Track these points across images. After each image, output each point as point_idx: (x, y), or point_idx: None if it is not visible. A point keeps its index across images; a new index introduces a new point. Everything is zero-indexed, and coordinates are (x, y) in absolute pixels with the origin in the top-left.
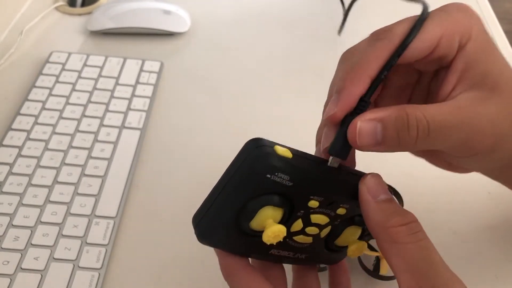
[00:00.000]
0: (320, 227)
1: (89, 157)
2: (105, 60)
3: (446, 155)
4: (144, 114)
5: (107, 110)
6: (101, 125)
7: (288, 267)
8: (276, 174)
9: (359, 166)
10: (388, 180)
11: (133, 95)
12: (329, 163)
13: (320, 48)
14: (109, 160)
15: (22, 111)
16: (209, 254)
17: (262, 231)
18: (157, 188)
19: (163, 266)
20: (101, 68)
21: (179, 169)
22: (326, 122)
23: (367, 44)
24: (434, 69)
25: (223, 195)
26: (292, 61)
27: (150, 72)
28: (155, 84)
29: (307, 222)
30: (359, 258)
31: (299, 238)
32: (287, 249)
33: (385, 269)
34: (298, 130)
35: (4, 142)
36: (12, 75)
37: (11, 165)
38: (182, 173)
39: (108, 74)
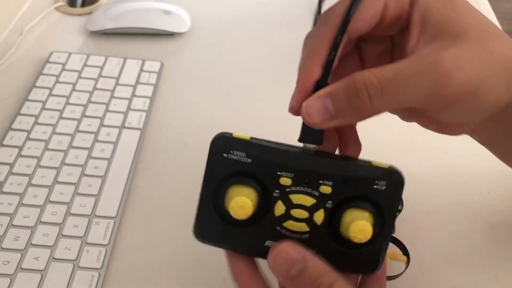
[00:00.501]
0: (308, 210)
1: (89, 157)
2: (105, 60)
3: (428, 112)
4: (144, 114)
5: (107, 110)
6: (101, 125)
7: None
8: (231, 152)
9: None
10: None
11: (133, 95)
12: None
13: None
14: (109, 160)
15: (22, 111)
16: (209, 254)
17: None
18: (157, 188)
19: (163, 266)
20: (101, 68)
21: (179, 169)
22: (292, 113)
23: (317, 28)
24: (398, 30)
25: (202, 191)
26: (292, 61)
27: (150, 72)
28: (155, 84)
29: (289, 204)
30: None
31: (290, 225)
32: (281, 239)
33: (385, 269)
34: (298, 130)
35: (4, 142)
36: (12, 75)
37: (11, 165)
38: (182, 173)
39: (108, 74)
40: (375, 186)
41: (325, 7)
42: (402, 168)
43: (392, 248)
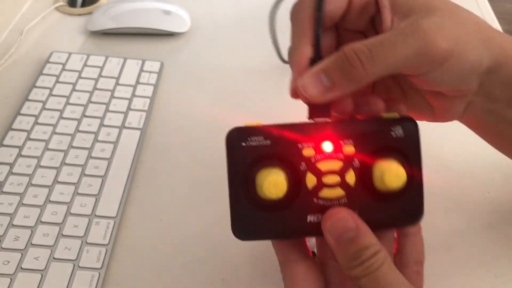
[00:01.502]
0: (339, 173)
1: (89, 157)
2: (105, 60)
3: (417, 78)
4: (144, 114)
5: (107, 110)
6: (101, 125)
7: None
8: (249, 138)
9: None
10: None
11: (133, 95)
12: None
13: None
14: (109, 160)
15: (22, 111)
16: (209, 254)
17: (275, 199)
18: (157, 188)
19: (163, 266)
20: (101, 68)
21: (179, 169)
22: (293, 97)
23: (296, 14)
24: (369, 20)
25: (229, 187)
26: None
27: (150, 72)
28: (155, 84)
29: (318, 173)
30: None
31: (326, 193)
32: (322, 211)
33: None
34: None
35: (5, 142)
36: (12, 75)
37: (12, 165)
38: (182, 173)
39: (108, 74)
40: (392, 134)
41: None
42: None
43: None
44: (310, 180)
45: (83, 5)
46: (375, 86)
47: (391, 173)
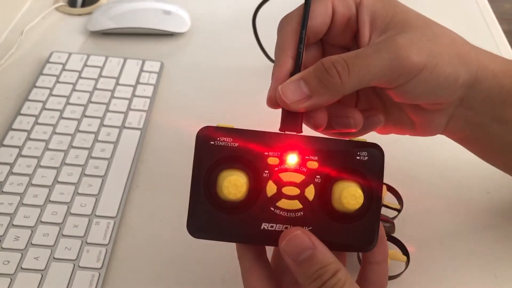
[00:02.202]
0: (299, 186)
1: (90, 157)
2: (106, 60)
3: (393, 91)
4: (144, 114)
5: (107, 110)
6: (101, 125)
7: None
8: (218, 138)
9: None
10: (388, 180)
11: (133, 95)
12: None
13: None
14: (109, 160)
15: (22, 111)
16: (209, 254)
17: (233, 200)
18: (157, 188)
19: (163, 265)
20: (102, 68)
21: (179, 169)
22: (269, 106)
23: (283, 26)
24: (351, 37)
25: (191, 183)
26: None
27: (150, 72)
28: (155, 84)
29: (279, 182)
30: (358, 258)
31: (284, 204)
32: (280, 221)
33: None
34: None
35: (5, 142)
36: (12, 75)
37: (12, 165)
38: (182, 173)
39: (108, 74)
40: (357, 157)
41: None
42: (403, 168)
43: (392, 248)
44: (271, 189)
45: (83, 5)
46: (358, 100)
47: (349, 194)
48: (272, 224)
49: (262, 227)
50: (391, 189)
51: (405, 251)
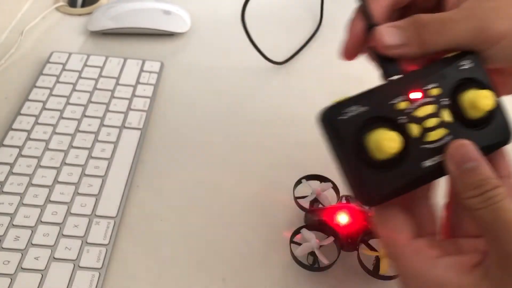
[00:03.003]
0: (435, 115)
1: (90, 157)
2: (106, 60)
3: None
4: (144, 114)
5: (107, 110)
6: (102, 125)
7: None
8: (345, 111)
9: None
10: None
11: (133, 95)
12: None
13: (320, 47)
14: (110, 160)
15: (22, 111)
16: (209, 254)
17: (390, 156)
18: (157, 188)
19: (163, 266)
20: (102, 68)
21: (179, 169)
22: (345, 57)
23: None
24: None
25: (342, 163)
26: (292, 60)
27: (151, 72)
28: (155, 84)
29: (418, 120)
30: (358, 258)
31: (432, 136)
32: (436, 153)
33: (384, 269)
34: (299, 130)
35: (5, 142)
36: (12, 75)
37: (12, 165)
38: (182, 173)
39: (108, 74)
40: (464, 67)
41: (325, 7)
42: None
43: None
44: (414, 130)
45: (83, 5)
46: None
47: (480, 98)
48: (431, 159)
49: (424, 166)
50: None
51: None
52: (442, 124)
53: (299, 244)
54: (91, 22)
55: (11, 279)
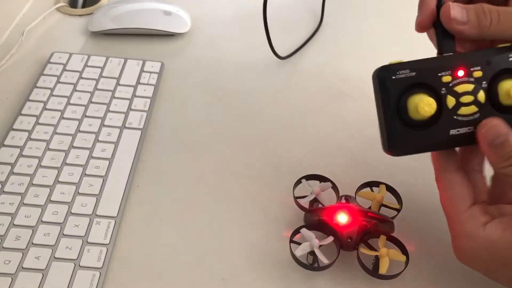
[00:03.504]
0: (472, 93)
1: (90, 157)
2: (106, 61)
3: None
4: (144, 114)
5: (108, 110)
6: (102, 125)
7: None
8: (398, 72)
9: (362, 168)
10: (389, 180)
11: (133, 95)
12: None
13: (320, 48)
14: (110, 160)
15: (23, 111)
16: (209, 254)
17: (424, 119)
18: (157, 188)
19: (163, 265)
20: (102, 68)
21: (179, 169)
22: (419, 30)
23: None
24: None
25: (383, 114)
26: (292, 61)
27: (151, 72)
28: (156, 84)
29: (456, 94)
30: (358, 258)
31: (463, 111)
32: (463, 125)
33: (384, 268)
34: (299, 129)
35: (6, 142)
36: (13, 75)
37: (13, 165)
38: (182, 173)
39: (109, 74)
40: (509, 58)
41: (326, 8)
42: (403, 168)
43: (391, 248)
44: (450, 101)
45: (84, 5)
46: None
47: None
48: (458, 129)
49: (450, 133)
50: (390, 189)
51: (404, 251)
52: (475, 102)
53: (299, 243)
54: (92, 23)
55: (12, 278)
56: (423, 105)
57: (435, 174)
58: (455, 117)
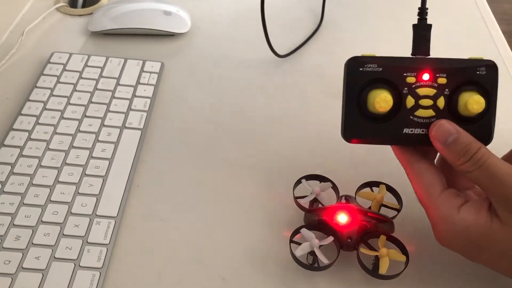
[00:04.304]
0: (432, 98)
1: (90, 157)
2: (106, 61)
3: None
4: (144, 114)
5: (108, 110)
6: (102, 125)
7: None
8: (366, 65)
9: (362, 168)
10: (389, 180)
11: (133, 95)
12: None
13: (320, 48)
14: (110, 160)
15: (23, 111)
16: (209, 254)
17: (381, 113)
18: (157, 188)
19: (163, 265)
20: (102, 68)
21: (179, 169)
22: None
23: None
24: None
25: (345, 101)
26: (292, 61)
27: (151, 72)
28: (156, 84)
29: (416, 96)
30: (358, 258)
31: (420, 113)
32: (418, 126)
33: (384, 268)
34: (299, 130)
35: (6, 142)
36: (13, 75)
37: (13, 165)
38: (182, 173)
39: (109, 74)
40: (477, 72)
41: (326, 8)
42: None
43: (391, 248)
44: (410, 102)
45: (84, 5)
46: None
47: (473, 101)
48: (411, 129)
49: (404, 132)
50: (390, 189)
51: (404, 251)
52: (433, 107)
53: (299, 243)
54: (92, 23)
55: (12, 278)
56: (380, 100)
57: (404, 168)
58: (411, 117)
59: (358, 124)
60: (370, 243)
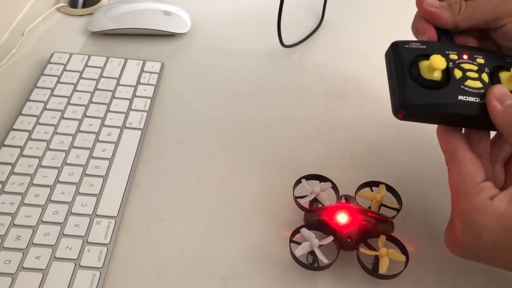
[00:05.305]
0: (476, 72)
1: (90, 157)
2: (106, 61)
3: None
4: (145, 114)
5: (108, 110)
6: (102, 125)
7: None
8: (410, 43)
9: (362, 168)
10: (388, 180)
11: (134, 95)
12: None
13: (320, 48)
14: (110, 160)
15: (23, 111)
16: (209, 254)
17: (435, 79)
18: (157, 188)
19: (163, 265)
20: (102, 68)
21: (179, 169)
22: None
23: None
24: None
25: (396, 75)
26: (292, 61)
27: (151, 72)
28: (156, 84)
29: (462, 69)
30: (358, 257)
31: (470, 83)
32: (471, 94)
33: (384, 268)
34: (298, 129)
35: (6, 142)
36: (13, 75)
37: (13, 165)
38: (182, 173)
39: (109, 74)
40: (507, 60)
41: (326, 7)
42: (403, 168)
43: (391, 247)
44: (458, 73)
45: (84, 5)
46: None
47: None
48: (466, 96)
49: (459, 98)
50: (390, 189)
51: (404, 251)
52: (480, 79)
53: (299, 243)
54: (92, 23)
55: (12, 278)
56: (434, 61)
57: (445, 156)
58: (462, 86)
59: (415, 92)
60: (370, 243)
